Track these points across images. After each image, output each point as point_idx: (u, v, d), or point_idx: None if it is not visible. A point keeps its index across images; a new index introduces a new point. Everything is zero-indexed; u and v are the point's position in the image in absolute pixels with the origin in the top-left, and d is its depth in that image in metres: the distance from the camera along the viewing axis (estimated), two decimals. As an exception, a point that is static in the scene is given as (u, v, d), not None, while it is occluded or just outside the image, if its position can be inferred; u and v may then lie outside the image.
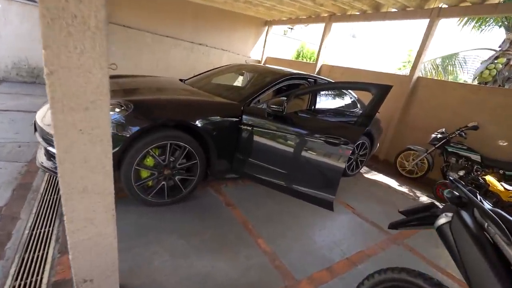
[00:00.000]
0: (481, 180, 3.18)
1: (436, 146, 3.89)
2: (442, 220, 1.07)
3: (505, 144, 3.57)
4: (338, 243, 2.24)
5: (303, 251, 2.06)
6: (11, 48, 5.48)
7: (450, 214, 1.08)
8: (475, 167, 3.50)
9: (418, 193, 3.79)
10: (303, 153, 2.24)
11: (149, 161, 2.10)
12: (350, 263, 2.03)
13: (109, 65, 0.96)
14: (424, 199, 3.63)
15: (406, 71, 9.85)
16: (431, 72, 6.72)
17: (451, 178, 1.20)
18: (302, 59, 11.12)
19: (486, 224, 0.96)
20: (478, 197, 1.07)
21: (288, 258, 1.95)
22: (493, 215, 0.95)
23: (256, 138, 2.41)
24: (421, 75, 4.87)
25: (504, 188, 2.93)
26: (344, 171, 2.25)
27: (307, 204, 2.34)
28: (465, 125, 3.74)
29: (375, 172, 4.37)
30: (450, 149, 3.77)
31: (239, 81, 3.61)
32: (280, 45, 10.43)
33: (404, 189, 3.86)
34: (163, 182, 2.18)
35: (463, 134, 3.68)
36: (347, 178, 3.74)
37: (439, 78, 6.50)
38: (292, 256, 1.98)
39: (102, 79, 0.94)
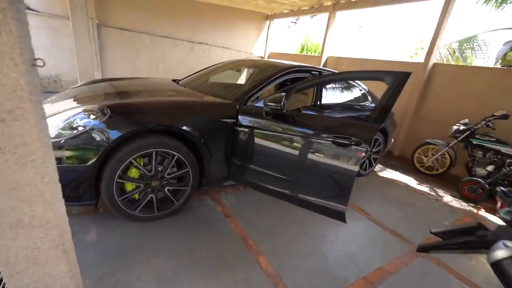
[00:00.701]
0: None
1: (459, 139, 3.50)
2: (501, 253, 0.77)
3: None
4: (353, 258, 1.94)
5: (312, 270, 1.78)
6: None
7: (506, 241, 0.77)
8: (507, 162, 3.09)
9: (441, 192, 3.42)
10: (309, 157, 1.94)
11: (133, 172, 1.87)
12: (368, 283, 1.73)
13: (33, 61, 0.72)
14: (448, 199, 3.26)
15: (419, 59, 9.30)
16: (447, 58, 6.20)
17: (504, 190, 0.89)
18: (307, 53, 10.74)
19: None
20: None
21: (294, 280, 1.67)
22: None
23: (254, 141, 2.14)
24: (437, 62, 4.44)
25: (545, 185, 2.55)
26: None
27: (314, 214, 2.06)
28: (492, 114, 3.33)
29: (391, 170, 4.02)
30: (475, 142, 3.37)
31: (236, 78, 3.34)
32: (284, 40, 10.09)
33: (424, 188, 3.50)
34: (151, 195, 1.95)
35: (491, 125, 3.28)
36: (359, 178, 3.42)
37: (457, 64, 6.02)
38: (299, 277, 1.70)
39: (19, 79, 0.69)
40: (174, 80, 3.16)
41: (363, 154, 1.75)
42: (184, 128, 1.87)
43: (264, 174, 2.14)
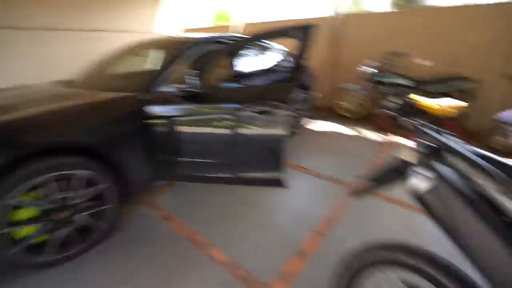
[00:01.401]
0: (408, 99, 3.18)
1: (372, 81, 3.85)
2: (417, 183, 0.78)
3: (427, 64, 3.64)
4: (303, 218, 1.99)
5: (267, 244, 1.75)
6: None
7: (425, 173, 0.79)
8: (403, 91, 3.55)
9: (365, 132, 3.79)
10: (235, 133, 1.81)
11: (25, 212, 1.45)
12: (319, 235, 1.80)
13: None
14: (374, 136, 3.62)
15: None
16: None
17: (417, 125, 0.90)
18: (222, 22, 10.22)
19: (467, 172, 0.70)
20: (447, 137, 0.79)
21: (252, 260, 1.62)
22: (476, 158, 0.68)
23: (173, 130, 1.88)
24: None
25: (438, 105, 2.89)
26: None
27: (257, 187, 2.01)
28: (392, 52, 3.73)
29: (322, 122, 4.26)
30: (382, 80, 3.76)
31: (140, 64, 2.87)
32: (198, 12, 9.30)
33: (353, 131, 3.82)
34: (64, 229, 1.57)
35: (390, 62, 3.69)
36: (294, 137, 3.52)
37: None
38: (256, 256, 1.65)
39: None
40: (60, 81, 2.56)
41: (288, 117, 1.70)
42: (75, 140, 1.50)
43: (193, 163, 1.95)
